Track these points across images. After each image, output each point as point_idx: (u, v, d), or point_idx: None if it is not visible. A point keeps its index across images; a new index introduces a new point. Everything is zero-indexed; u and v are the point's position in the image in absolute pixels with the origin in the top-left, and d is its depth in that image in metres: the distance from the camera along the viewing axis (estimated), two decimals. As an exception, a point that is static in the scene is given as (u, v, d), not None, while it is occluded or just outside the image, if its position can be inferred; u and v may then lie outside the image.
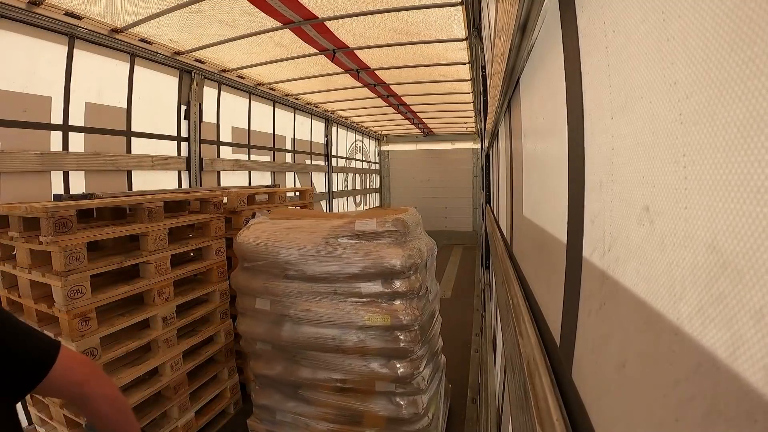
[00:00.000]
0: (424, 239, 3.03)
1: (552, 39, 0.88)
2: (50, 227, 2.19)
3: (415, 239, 2.84)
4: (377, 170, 13.72)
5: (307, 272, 2.68)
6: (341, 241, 2.64)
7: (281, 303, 2.78)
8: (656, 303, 0.40)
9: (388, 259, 2.54)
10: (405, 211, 2.93)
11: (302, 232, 2.76)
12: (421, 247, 2.82)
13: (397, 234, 2.63)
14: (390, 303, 2.61)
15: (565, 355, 0.73)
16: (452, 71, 5.65)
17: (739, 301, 0.29)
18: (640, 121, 0.45)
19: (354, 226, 2.64)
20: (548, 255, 0.97)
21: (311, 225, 2.79)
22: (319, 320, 2.68)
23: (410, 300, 2.64)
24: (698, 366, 0.32)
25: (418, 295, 2.70)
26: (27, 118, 3.23)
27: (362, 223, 2.65)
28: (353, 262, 2.59)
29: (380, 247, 2.59)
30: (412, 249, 2.64)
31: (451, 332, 5.84)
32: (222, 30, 4.00)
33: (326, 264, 2.63)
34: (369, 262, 2.56)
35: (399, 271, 2.54)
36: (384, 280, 2.60)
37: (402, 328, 2.57)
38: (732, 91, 0.30)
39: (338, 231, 2.67)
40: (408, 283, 2.59)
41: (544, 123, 1.03)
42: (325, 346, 2.69)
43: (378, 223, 2.63)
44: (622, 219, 0.50)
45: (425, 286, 2.84)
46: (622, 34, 0.50)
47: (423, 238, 3.03)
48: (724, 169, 0.31)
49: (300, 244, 2.69)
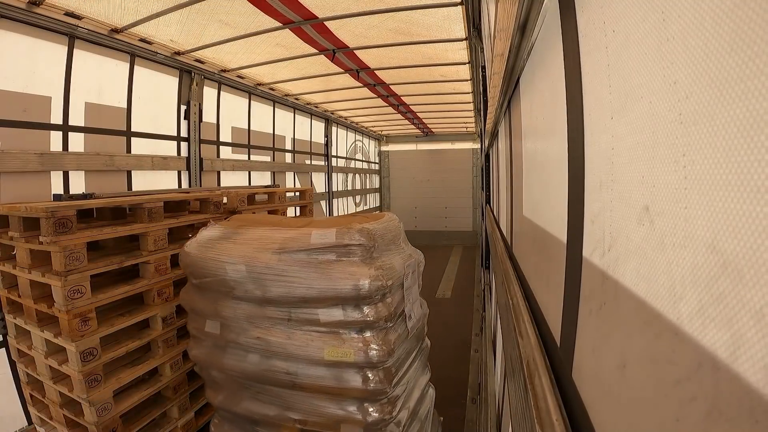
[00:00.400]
0: (402, 253, 2.54)
1: (552, 39, 0.88)
2: (50, 227, 2.18)
3: (389, 254, 2.39)
4: (377, 170, 13.72)
5: (256, 293, 2.26)
6: (294, 256, 2.20)
7: (231, 327, 2.38)
8: (656, 303, 0.40)
9: (348, 281, 2.09)
10: (378, 219, 2.51)
11: (252, 244, 2.34)
12: (396, 264, 2.34)
13: (362, 249, 2.18)
14: (354, 334, 2.18)
15: (565, 355, 0.73)
16: (452, 71, 5.65)
17: (739, 301, 0.29)
18: (640, 121, 0.45)
19: (309, 238, 2.21)
20: (548, 255, 0.97)
21: (263, 236, 2.37)
22: (271, 351, 2.27)
23: (380, 331, 2.19)
24: (699, 366, 0.32)
25: (391, 324, 2.25)
26: (27, 118, 3.23)
27: (319, 235, 2.20)
28: (307, 283, 2.15)
29: (340, 266, 2.16)
30: (382, 268, 2.19)
31: (451, 332, 5.84)
32: (222, 30, 4.00)
33: (276, 284, 2.21)
34: (325, 284, 2.12)
35: (364, 296, 2.10)
36: (346, 307, 2.16)
37: (370, 365, 2.13)
38: (732, 91, 0.30)
39: (291, 244, 2.23)
40: (376, 310, 2.15)
41: (544, 123, 1.03)
42: (280, 381, 2.28)
43: (338, 234, 2.18)
44: (623, 219, 0.50)
45: (401, 313, 2.39)
46: (622, 34, 0.50)
47: (401, 252, 2.54)
48: (725, 169, 0.31)
49: (248, 259, 2.26)
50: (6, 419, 2.90)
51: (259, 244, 2.32)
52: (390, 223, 2.54)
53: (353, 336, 2.18)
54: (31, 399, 2.71)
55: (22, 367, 2.66)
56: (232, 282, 2.31)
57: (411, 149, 13.65)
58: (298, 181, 8.08)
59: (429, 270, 10.59)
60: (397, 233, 2.60)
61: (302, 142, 8.28)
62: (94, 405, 2.28)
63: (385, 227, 2.44)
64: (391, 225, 2.52)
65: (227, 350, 2.42)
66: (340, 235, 2.19)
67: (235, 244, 2.39)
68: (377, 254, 2.27)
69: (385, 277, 2.17)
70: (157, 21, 3.62)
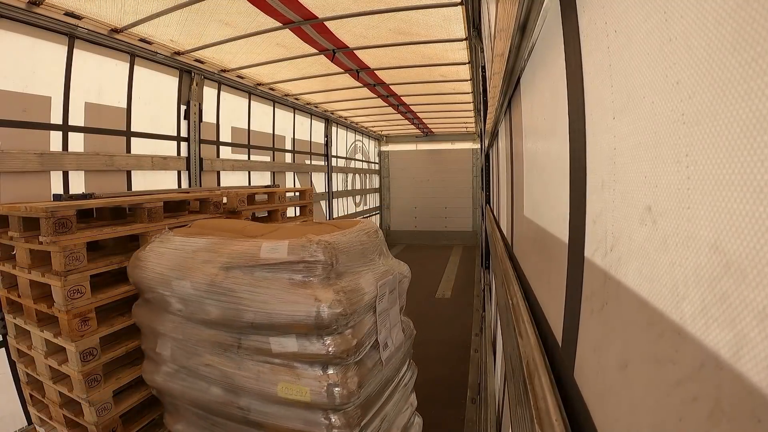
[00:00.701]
0: (375, 269, 2.18)
1: (553, 39, 0.88)
2: (50, 227, 2.18)
3: (357, 271, 2.04)
4: (377, 170, 13.72)
5: (202, 314, 1.99)
6: (242, 273, 1.91)
7: (180, 350, 2.12)
8: (659, 303, 0.40)
9: (301, 306, 1.77)
10: (348, 228, 2.19)
11: (200, 256, 2.05)
12: (365, 284, 2.00)
13: (320, 266, 1.85)
14: (312, 370, 1.85)
15: (567, 354, 0.73)
16: (452, 71, 5.65)
17: (742, 301, 0.29)
18: (642, 121, 0.45)
19: (260, 251, 1.91)
20: (549, 255, 0.97)
21: (213, 247, 2.08)
22: (221, 381, 1.99)
23: (343, 367, 1.85)
24: (701, 366, 0.33)
25: (357, 358, 1.90)
26: (27, 118, 3.23)
27: (270, 248, 1.90)
28: (255, 306, 1.85)
29: (294, 287, 1.83)
30: (344, 290, 1.86)
31: (451, 332, 5.84)
32: (222, 30, 4.00)
33: (223, 305, 1.92)
34: (275, 309, 1.82)
35: (321, 325, 1.77)
36: (300, 337, 1.83)
37: (331, 408, 1.82)
38: (735, 91, 0.30)
39: (238, 259, 1.94)
40: (337, 342, 1.81)
41: (546, 123, 1.03)
42: (232, 416, 2.03)
43: (291, 248, 1.86)
44: (625, 219, 0.50)
45: (372, 343, 2.05)
46: (624, 34, 0.50)
47: (374, 268, 2.18)
48: (727, 169, 0.31)
49: (193, 274, 1.99)
50: (6, 419, 2.90)
51: (207, 257, 2.02)
52: (359, 234, 2.16)
53: (311, 372, 1.83)
54: (30, 399, 2.71)
55: (21, 367, 2.66)
56: (179, 299, 2.04)
57: (411, 149, 13.65)
58: (298, 181, 8.08)
59: (429, 270, 10.57)
60: (371, 245, 2.21)
61: (302, 142, 8.28)
62: (93, 405, 2.27)
63: (353, 239, 2.07)
64: (360, 236, 2.14)
65: (179, 375, 2.14)
66: (294, 250, 1.85)
67: (185, 255, 2.10)
68: (340, 272, 1.93)
69: (349, 302, 1.82)
70: (157, 21, 3.62)
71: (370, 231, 2.29)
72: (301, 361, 1.87)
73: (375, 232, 2.35)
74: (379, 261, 2.27)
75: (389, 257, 2.44)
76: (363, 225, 2.32)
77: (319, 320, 1.77)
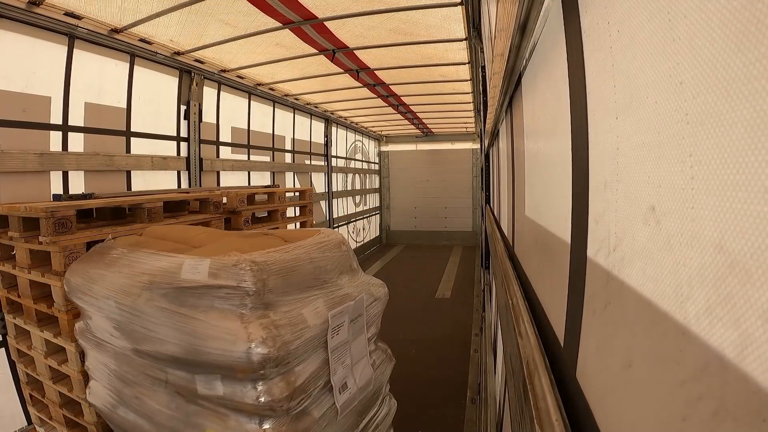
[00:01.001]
0: (328, 294, 1.80)
1: (554, 39, 0.88)
2: (50, 227, 2.18)
3: (300, 298, 1.69)
4: (377, 170, 13.72)
5: (128, 340, 1.75)
6: (162, 295, 1.62)
7: (114, 376, 1.87)
8: (663, 303, 0.40)
9: (220, 342, 1.46)
10: (299, 240, 1.84)
11: (124, 272, 1.78)
12: (310, 314, 1.65)
13: (245, 293, 1.52)
14: (243, 420, 1.52)
15: (569, 354, 0.73)
16: (452, 71, 5.65)
17: (747, 301, 0.29)
18: (645, 121, 0.45)
19: (181, 270, 1.61)
20: (551, 255, 0.97)
21: (140, 262, 1.80)
22: (150, 417, 1.71)
23: (277, 420, 1.50)
24: (706, 365, 0.33)
25: (295, 409, 1.55)
26: (26, 118, 3.23)
27: (190, 268, 1.60)
28: (174, 337, 1.57)
29: (215, 317, 1.52)
30: (277, 324, 1.51)
31: (451, 332, 5.85)
32: (222, 30, 4.00)
33: (144, 333, 1.66)
34: (195, 343, 1.52)
35: (246, 368, 1.44)
36: (226, 378, 1.52)
37: None
38: (739, 92, 0.30)
39: (159, 278, 1.65)
40: (268, 389, 1.48)
41: (547, 123, 1.03)
42: None
43: (212, 269, 1.55)
44: (628, 219, 0.50)
45: (323, 386, 1.70)
46: (627, 34, 0.50)
47: (327, 293, 1.81)
48: (732, 169, 0.31)
49: (118, 293, 1.73)
50: (6, 419, 2.90)
51: (133, 273, 1.75)
52: (311, 249, 1.77)
53: (243, 423, 1.51)
54: (30, 399, 2.71)
55: (21, 367, 2.66)
56: (108, 320, 1.80)
57: (411, 149, 13.65)
58: (298, 181, 8.08)
59: (429, 270, 10.57)
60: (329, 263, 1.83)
61: (302, 142, 8.28)
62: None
63: (298, 257, 1.70)
64: (312, 252, 1.77)
65: (115, 403, 1.89)
66: (215, 271, 1.53)
67: (117, 269, 1.81)
68: (272, 301, 1.57)
69: (280, 340, 1.47)
70: (157, 21, 3.62)
71: (328, 245, 1.88)
72: (230, 408, 1.54)
73: (336, 245, 1.93)
74: (340, 281, 1.89)
75: (358, 275, 2.04)
76: (319, 237, 1.92)
77: (242, 362, 1.42)
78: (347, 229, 10.91)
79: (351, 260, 2.04)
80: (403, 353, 5.19)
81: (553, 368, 0.79)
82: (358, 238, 11.65)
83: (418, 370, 4.73)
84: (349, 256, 2.03)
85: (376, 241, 13.24)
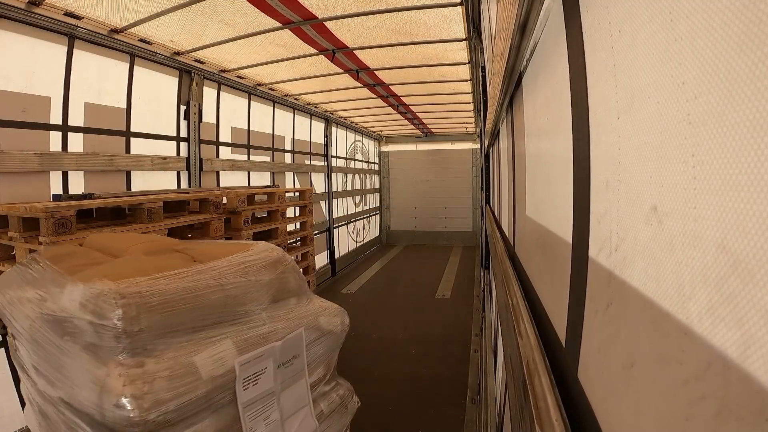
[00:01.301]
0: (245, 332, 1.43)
1: (555, 39, 0.88)
2: (50, 227, 2.18)
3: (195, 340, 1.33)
4: (377, 170, 13.72)
5: (35, 371, 1.50)
6: (45, 325, 1.38)
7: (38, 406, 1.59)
8: (665, 303, 0.40)
9: (84, 391, 1.20)
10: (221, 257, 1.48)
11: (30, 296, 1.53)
12: (205, 364, 1.30)
13: (112, 333, 1.21)
14: None
15: (570, 354, 0.73)
16: (452, 71, 5.65)
17: (749, 301, 0.29)
18: (647, 121, 0.45)
19: (62, 296, 1.35)
20: (553, 255, 0.97)
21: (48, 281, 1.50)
22: None
23: None
24: (708, 365, 0.33)
25: None
26: (26, 118, 3.23)
27: (69, 294, 1.33)
28: (55, 376, 1.35)
29: (81, 359, 1.25)
30: (154, 377, 1.20)
31: (451, 332, 5.85)
32: (222, 30, 4.00)
33: (38, 364, 1.44)
34: (70, 387, 1.28)
35: (114, 427, 1.16)
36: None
37: None
38: (741, 92, 0.30)
39: (48, 304, 1.40)
40: None
41: (548, 123, 1.04)
42: None
43: (82, 299, 1.26)
44: (630, 219, 0.50)
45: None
46: (629, 34, 0.50)
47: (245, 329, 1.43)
48: (734, 169, 0.31)
49: (23, 316, 1.48)
50: (6, 419, 2.90)
51: (34, 294, 1.50)
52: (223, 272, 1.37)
53: None
54: (30, 400, 2.70)
55: (21, 367, 2.65)
56: (22, 346, 1.55)
57: (411, 149, 13.65)
58: (298, 181, 8.08)
59: (429, 270, 10.54)
60: (249, 290, 1.42)
61: (302, 142, 8.28)
62: (94, 406, 2.26)
63: (198, 284, 1.32)
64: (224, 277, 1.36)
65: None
66: (84, 301, 1.25)
67: (30, 289, 1.53)
68: (158, 343, 1.25)
69: (152, 399, 1.15)
70: (157, 21, 3.62)
71: (256, 266, 1.45)
72: None
73: (269, 266, 1.47)
74: (269, 313, 1.49)
75: (302, 302, 1.61)
76: (243, 256, 1.46)
77: (106, 422, 1.13)
78: (347, 229, 10.91)
79: (293, 283, 1.58)
80: (403, 353, 5.19)
81: (555, 368, 0.79)
82: (358, 238, 11.66)
83: (418, 370, 4.73)
84: (288, 279, 1.58)
85: (376, 241, 13.24)
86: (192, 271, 1.36)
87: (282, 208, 4.56)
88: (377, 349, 5.25)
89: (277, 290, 1.55)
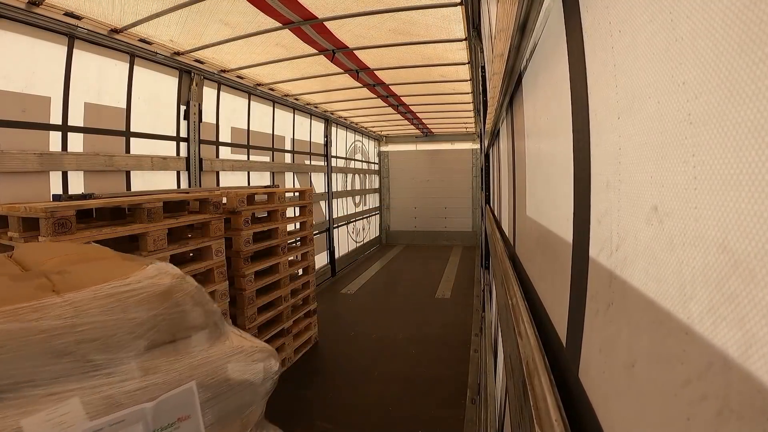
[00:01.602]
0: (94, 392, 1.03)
1: (555, 39, 0.88)
2: (49, 227, 2.18)
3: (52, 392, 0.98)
4: (377, 170, 13.72)
5: None
6: None
7: None
8: (666, 303, 0.40)
9: None
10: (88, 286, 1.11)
11: None
12: None
13: None
14: None
15: (571, 355, 0.73)
16: (452, 71, 5.65)
17: (750, 300, 0.29)
18: (648, 121, 0.45)
19: None
20: (553, 255, 0.97)
21: None
22: None
23: None
24: (710, 365, 0.33)
25: None
26: (26, 118, 3.22)
27: None
28: None
29: None
30: None
31: (451, 332, 5.85)
32: (222, 30, 4.00)
33: None
34: None
35: None
36: None
37: None
38: (742, 92, 0.30)
39: None
40: None
41: (548, 123, 1.04)
42: None
43: None
44: (630, 219, 0.50)
45: None
46: (629, 34, 0.50)
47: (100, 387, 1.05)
48: (735, 169, 0.31)
49: None
50: (5, 420, 2.89)
51: None
52: (80, 307, 1.06)
53: None
54: (30, 400, 2.69)
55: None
56: None
57: (411, 149, 13.65)
58: (298, 181, 8.07)
59: (429, 270, 10.53)
60: (117, 332, 1.10)
61: (302, 142, 8.28)
62: (94, 406, 2.25)
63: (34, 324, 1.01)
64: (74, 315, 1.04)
65: None
66: None
67: None
68: None
69: None
70: (157, 21, 3.62)
71: (131, 298, 1.13)
72: None
73: (149, 299, 1.16)
74: (135, 364, 1.13)
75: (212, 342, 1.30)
76: (116, 285, 1.14)
77: None
78: (347, 229, 10.91)
79: (196, 317, 1.25)
80: (403, 353, 5.19)
81: (556, 368, 0.79)
82: (357, 238, 11.65)
83: (418, 370, 4.73)
84: (187, 312, 1.24)
85: (375, 241, 13.24)
86: (28, 307, 1.01)
87: (282, 208, 4.56)
88: (377, 349, 5.25)
89: (163, 330, 1.18)
